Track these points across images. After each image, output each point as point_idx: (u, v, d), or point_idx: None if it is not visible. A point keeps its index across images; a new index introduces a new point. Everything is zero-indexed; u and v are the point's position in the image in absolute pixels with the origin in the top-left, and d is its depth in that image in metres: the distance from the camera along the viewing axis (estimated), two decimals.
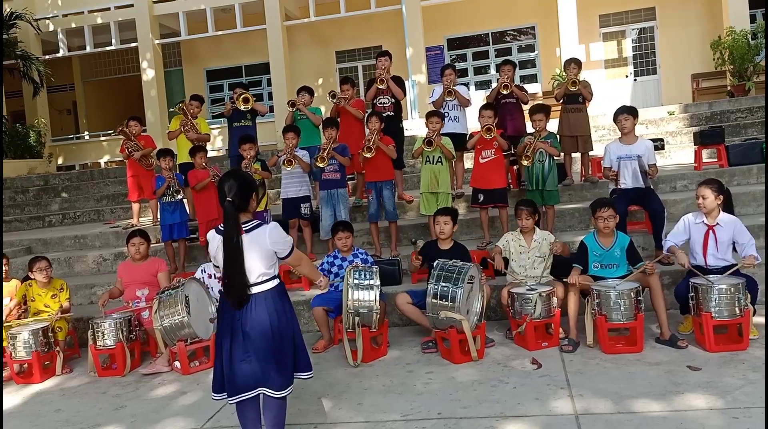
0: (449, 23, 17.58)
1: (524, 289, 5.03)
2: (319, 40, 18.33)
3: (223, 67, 19.20)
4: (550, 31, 16.93)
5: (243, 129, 8.04)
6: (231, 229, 3.28)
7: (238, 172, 3.54)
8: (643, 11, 17.24)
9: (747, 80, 14.36)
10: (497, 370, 4.56)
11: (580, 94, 7.51)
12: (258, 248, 3.34)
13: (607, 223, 5.05)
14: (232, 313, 3.37)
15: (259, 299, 3.36)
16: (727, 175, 7.47)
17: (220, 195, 3.37)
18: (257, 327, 3.33)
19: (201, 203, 6.90)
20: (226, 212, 3.30)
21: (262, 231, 3.37)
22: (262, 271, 3.38)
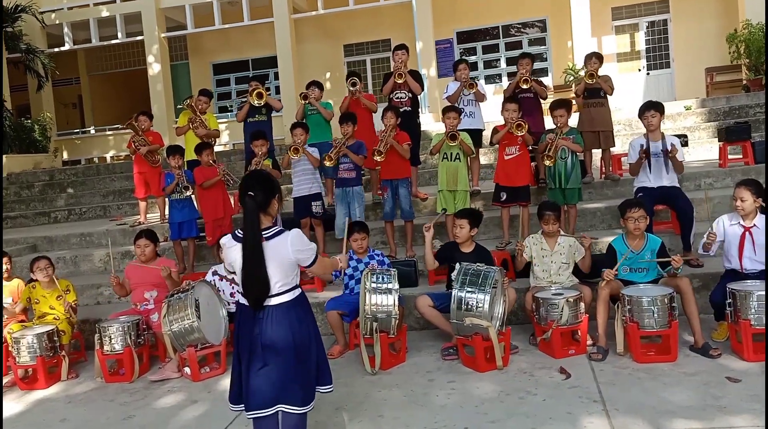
0: (459, 16, 17.31)
1: (550, 294, 4.81)
2: (327, 34, 18.08)
3: (229, 60, 18.99)
4: (561, 25, 16.65)
5: (257, 124, 7.81)
6: (251, 229, 3.07)
7: (261, 171, 3.35)
8: (656, 4, 16.93)
9: (764, 74, 14.05)
10: (524, 380, 4.34)
11: (602, 88, 7.25)
12: (279, 257, 3.13)
13: (638, 225, 4.82)
14: (251, 326, 3.16)
15: (279, 311, 3.14)
16: (753, 173, 7.18)
17: (242, 192, 3.16)
18: (278, 342, 3.11)
19: (207, 201, 6.69)
20: (247, 209, 3.09)
21: (284, 239, 3.15)
22: (283, 281, 3.16)
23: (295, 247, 3.14)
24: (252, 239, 3.06)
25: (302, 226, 6.66)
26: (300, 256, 3.17)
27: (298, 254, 3.16)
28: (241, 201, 3.16)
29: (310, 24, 17.76)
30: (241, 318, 3.24)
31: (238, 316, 3.27)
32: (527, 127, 6.08)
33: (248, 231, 3.07)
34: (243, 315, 3.21)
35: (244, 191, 3.13)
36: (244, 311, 3.21)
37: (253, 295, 3.10)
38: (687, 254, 5.44)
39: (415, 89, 7.53)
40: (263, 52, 18.28)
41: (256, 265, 3.06)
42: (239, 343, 3.24)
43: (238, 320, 3.28)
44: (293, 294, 3.20)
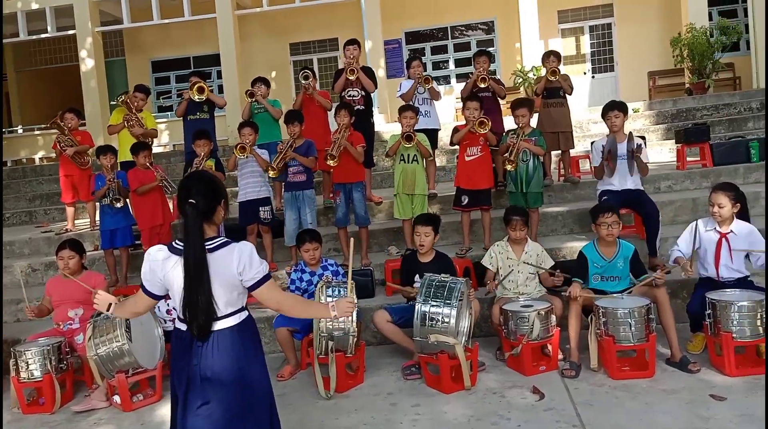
0: (407, 17, 17.03)
1: (519, 306, 4.46)
2: (273, 31, 17.51)
3: (169, 57, 18.19)
4: (509, 26, 16.60)
5: (198, 123, 7.25)
6: (193, 241, 2.58)
7: (204, 173, 2.82)
8: (601, 8, 17.04)
9: (706, 78, 14.26)
10: (494, 402, 3.97)
11: (561, 87, 7.01)
12: (224, 274, 2.64)
13: (611, 231, 4.53)
14: (188, 354, 2.67)
15: (222, 337, 2.66)
16: (712, 176, 7.09)
17: (181, 198, 2.67)
18: (222, 373, 2.63)
19: (144, 208, 6.08)
20: (188, 219, 2.60)
21: (229, 252, 2.67)
22: (226, 303, 2.68)
23: (241, 262, 2.65)
24: (196, 253, 2.58)
25: (249, 234, 6.17)
26: (245, 274, 2.67)
27: (245, 272, 2.66)
28: (180, 208, 2.68)
29: (255, 21, 17.16)
30: (176, 346, 2.75)
31: (174, 343, 2.78)
32: (489, 124, 5.73)
33: (191, 243, 2.59)
34: (179, 342, 2.72)
35: (184, 197, 2.65)
36: (180, 338, 2.72)
37: (198, 321, 2.61)
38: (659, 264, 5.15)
39: (368, 86, 7.12)
40: (206, 49, 17.56)
41: (202, 284, 2.58)
42: (175, 376, 2.75)
43: (173, 349, 2.78)
44: (239, 317, 2.73)
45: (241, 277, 2.66)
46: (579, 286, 4.41)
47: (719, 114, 11.37)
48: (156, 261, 2.71)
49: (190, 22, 16.51)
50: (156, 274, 2.72)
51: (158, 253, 2.72)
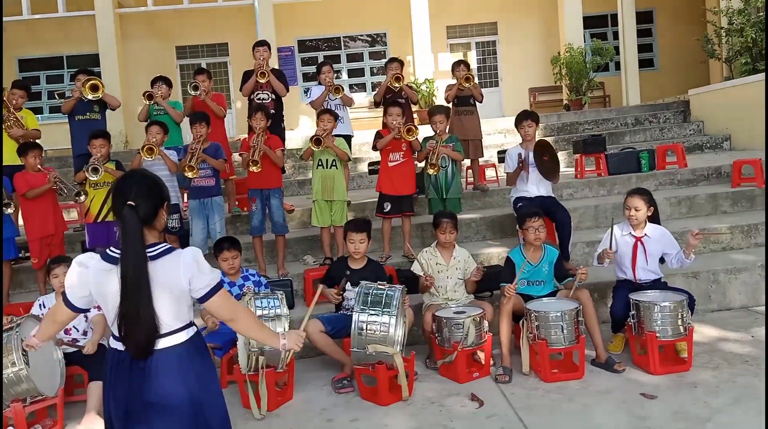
0: (300, 24, 16.86)
1: (451, 313, 4.41)
2: (157, 33, 16.70)
3: (40, 56, 16.85)
4: (400, 39, 16.89)
5: (89, 124, 6.66)
6: (133, 248, 2.27)
7: (144, 172, 2.49)
8: (486, 25, 17.77)
9: (583, 95, 15.20)
10: (435, 412, 3.87)
11: (472, 96, 7.13)
12: (167, 283, 2.35)
13: (538, 235, 4.60)
14: (126, 378, 2.35)
15: (168, 357, 2.36)
16: (608, 184, 7.48)
17: (115, 197, 2.36)
18: (169, 397, 2.33)
19: (34, 215, 5.45)
20: (127, 224, 2.29)
21: (175, 259, 2.39)
22: (172, 317, 2.39)
23: (190, 270, 2.38)
24: (136, 262, 2.28)
25: None
26: (195, 284, 2.39)
27: (194, 280, 2.39)
28: (116, 212, 2.36)
29: (137, 21, 16.30)
30: (113, 368, 2.41)
31: (110, 365, 2.43)
32: (416, 131, 5.69)
33: (129, 251, 2.28)
34: (116, 364, 2.38)
35: (121, 199, 2.34)
36: (117, 359, 2.38)
37: (138, 338, 2.29)
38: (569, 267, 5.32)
39: (279, 90, 6.88)
40: (81, 48, 16.50)
41: (142, 296, 2.27)
42: (110, 403, 2.41)
43: (108, 371, 2.44)
44: (187, 333, 2.43)
45: (191, 287, 2.39)
46: (513, 289, 4.42)
47: (599, 128, 12.07)
48: (85, 270, 2.37)
49: (64, 18, 15.42)
50: (85, 286, 2.38)
51: (89, 261, 2.39)
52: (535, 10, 17.09)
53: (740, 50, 11.21)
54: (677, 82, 16.28)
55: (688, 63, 16.40)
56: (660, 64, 17.56)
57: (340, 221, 5.85)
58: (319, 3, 15.84)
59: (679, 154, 7.73)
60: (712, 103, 11.27)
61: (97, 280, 2.36)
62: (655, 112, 12.39)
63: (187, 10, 15.83)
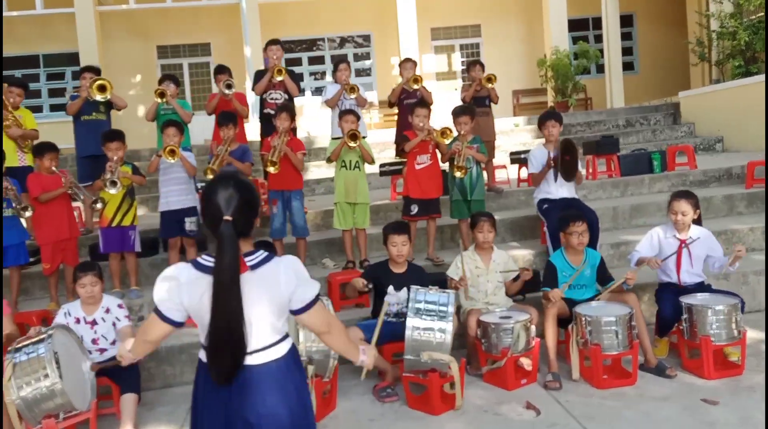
0: (285, 25, 16.59)
1: (497, 318, 4.28)
2: (138, 32, 16.30)
3: (15, 55, 16.26)
4: (384, 41, 16.79)
5: (95, 124, 6.39)
6: (229, 264, 2.09)
7: (239, 178, 2.26)
8: (470, 28, 17.78)
9: (569, 97, 15.28)
10: (491, 421, 3.74)
11: (487, 97, 7.03)
12: (268, 294, 2.18)
13: (582, 239, 4.51)
14: (223, 394, 2.16)
15: (267, 373, 2.18)
16: (621, 185, 7.46)
17: (209, 209, 2.17)
18: (268, 417, 2.15)
19: (47, 219, 5.14)
20: (223, 238, 2.10)
21: (274, 267, 2.21)
22: (271, 330, 2.21)
23: (292, 280, 2.21)
24: (229, 280, 2.09)
25: (170, 248, 5.48)
26: (298, 294, 2.23)
27: (298, 290, 2.22)
28: (211, 224, 2.18)
29: (117, 19, 15.89)
30: (205, 382, 2.21)
31: (202, 378, 2.24)
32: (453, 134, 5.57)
33: (226, 267, 2.09)
34: (209, 377, 2.19)
35: (216, 213, 2.14)
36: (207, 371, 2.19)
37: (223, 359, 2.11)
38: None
39: (292, 90, 6.70)
40: (57, 47, 16.05)
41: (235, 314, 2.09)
42: (204, 421, 2.22)
43: (201, 387, 2.25)
44: (285, 346, 2.26)
45: (291, 298, 2.21)
46: (559, 295, 4.32)
47: (591, 130, 12.12)
48: (176, 283, 2.18)
49: (41, 16, 14.95)
50: (177, 299, 2.19)
51: (180, 274, 2.20)
52: (518, 13, 17.16)
53: (732, 53, 11.35)
54: (658, 86, 16.49)
55: (668, 66, 16.64)
56: (640, 67, 17.76)
57: (362, 224, 5.70)
58: (303, 4, 15.67)
59: (689, 155, 7.75)
60: (703, 105, 11.40)
61: (190, 291, 2.17)
62: (645, 114, 12.49)
63: (168, 9, 15.49)
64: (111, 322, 4.21)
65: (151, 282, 5.76)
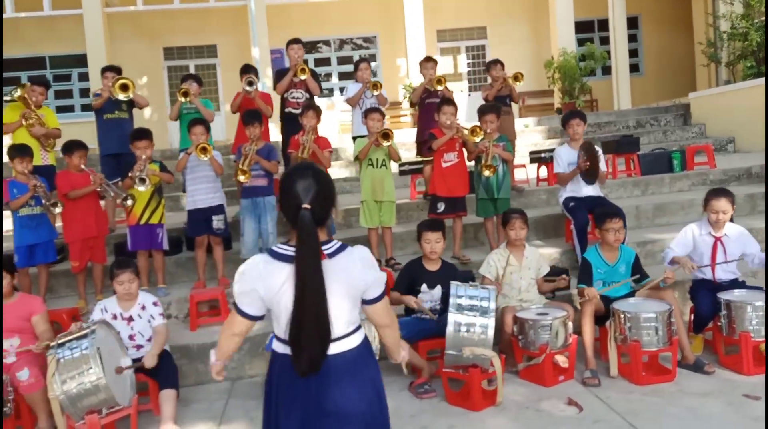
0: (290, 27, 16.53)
1: (534, 314, 4.27)
2: (144, 33, 16.28)
3: (20, 56, 16.24)
4: (391, 42, 16.79)
5: (118, 123, 6.39)
6: (311, 251, 2.09)
7: (316, 168, 2.27)
8: (475, 30, 17.79)
9: (576, 99, 15.30)
10: (534, 417, 3.73)
11: (508, 95, 7.04)
12: (346, 283, 2.18)
13: (618, 236, 4.51)
14: (302, 384, 2.15)
15: (343, 363, 2.18)
16: (642, 184, 7.47)
17: (288, 198, 2.17)
18: (347, 407, 2.15)
19: (75, 216, 5.11)
20: (303, 226, 2.10)
21: (350, 256, 2.22)
22: (347, 319, 2.21)
23: (366, 269, 2.22)
24: (314, 265, 2.09)
25: (198, 246, 5.47)
26: (373, 285, 2.23)
27: (373, 281, 2.22)
28: (289, 213, 2.18)
29: (124, 21, 15.87)
30: (282, 375, 2.20)
31: (278, 370, 2.23)
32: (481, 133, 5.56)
33: (308, 254, 2.10)
34: (288, 371, 2.18)
35: (295, 201, 2.15)
36: (288, 366, 2.18)
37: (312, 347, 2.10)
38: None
39: (313, 89, 6.69)
40: (64, 48, 15.99)
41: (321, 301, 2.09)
42: (280, 413, 2.20)
43: (276, 378, 2.23)
44: (359, 336, 2.26)
45: (366, 288, 2.21)
46: (594, 290, 4.31)
47: (602, 131, 12.12)
48: (257, 272, 2.17)
49: (48, 17, 14.92)
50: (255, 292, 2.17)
51: (258, 264, 2.19)
52: (524, 15, 17.18)
53: (743, 54, 11.39)
54: (663, 88, 16.53)
55: (674, 68, 16.68)
56: (645, 69, 17.81)
57: (388, 222, 5.69)
58: (309, 5, 15.68)
59: (709, 154, 7.76)
60: (714, 106, 11.41)
61: (268, 282, 2.16)
62: (655, 115, 12.51)
63: (175, 11, 15.48)
64: (147, 319, 4.20)
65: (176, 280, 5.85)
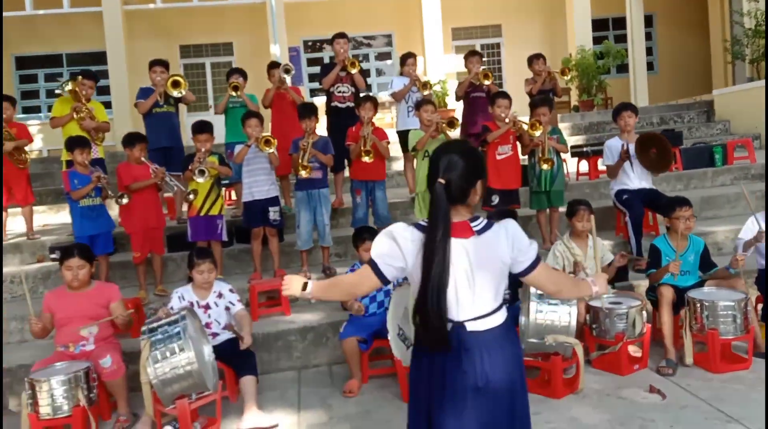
0: (305, 25, 16.62)
1: (607, 303, 4.29)
2: (161, 31, 16.26)
3: (38, 54, 16.26)
4: (407, 41, 16.77)
5: (166, 117, 6.40)
6: (439, 224, 2.12)
7: (467, 145, 2.31)
8: (490, 28, 17.80)
9: (594, 97, 15.34)
10: (617, 405, 3.75)
11: (551, 89, 7.07)
12: (491, 259, 2.20)
13: (689, 224, 4.52)
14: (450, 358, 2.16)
15: (492, 339, 2.20)
16: (685, 179, 7.49)
17: (431, 172, 2.21)
18: (496, 382, 2.16)
19: (136, 208, 5.13)
20: (435, 199, 2.15)
21: (497, 232, 2.23)
22: (493, 296, 2.23)
23: (515, 242, 2.23)
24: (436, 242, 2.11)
25: (254, 238, 5.47)
26: (520, 256, 2.24)
27: (519, 254, 2.24)
28: (430, 186, 2.21)
29: (141, 18, 15.84)
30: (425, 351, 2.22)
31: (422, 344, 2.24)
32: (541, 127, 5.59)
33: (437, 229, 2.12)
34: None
35: (434, 174, 2.18)
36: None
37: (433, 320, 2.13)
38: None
39: (359, 84, 6.70)
40: (81, 46, 15.97)
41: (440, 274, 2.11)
42: (420, 389, 2.23)
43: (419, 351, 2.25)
44: (503, 314, 2.28)
45: (513, 261, 2.24)
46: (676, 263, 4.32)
47: None
48: (403, 240, 2.19)
49: (66, 15, 14.90)
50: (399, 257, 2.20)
51: (406, 230, 2.22)
52: (539, 13, 17.20)
53: None
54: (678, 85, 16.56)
55: (689, 66, 16.71)
56: (660, 67, 17.84)
57: None
58: (325, 3, 15.69)
59: (749, 148, 7.79)
60: (739, 103, 11.45)
61: (413, 250, 2.18)
62: (678, 112, 12.54)
63: (192, 9, 15.49)
64: (224, 307, 4.21)
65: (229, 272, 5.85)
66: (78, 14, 15.01)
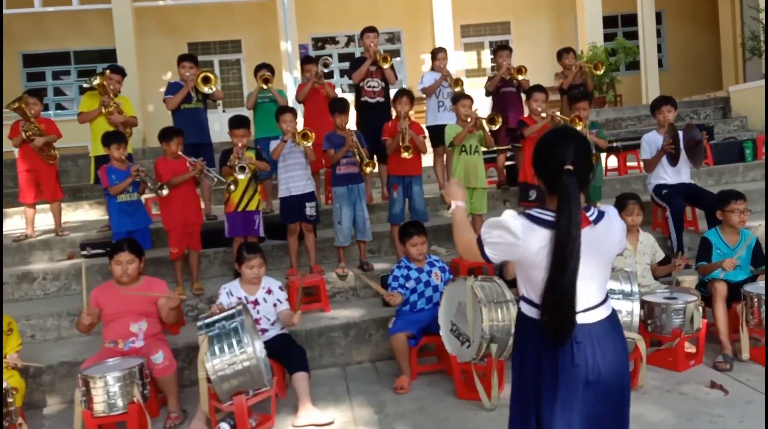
0: (315, 22, 16.53)
1: (662, 299, 4.22)
2: (169, 28, 16.16)
3: (45, 51, 16.13)
4: (415, 38, 16.72)
5: (195, 113, 6.31)
6: (574, 217, 2.02)
7: (576, 131, 2.27)
8: (499, 25, 17.73)
9: (606, 93, 15.29)
10: (680, 400, 3.68)
11: (582, 84, 7.02)
12: (603, 249, 2.14)
13: (742, 218, 4.47)
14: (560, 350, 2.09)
15: (602, 331, 2.13)
16: (716, 174, 7.44)
17: (549, 162, 2.12)
18: (607, 375, 2.10)
19: (174, 203, 5.02)
20: (566, 189, 2.04)
21: (610, 221, 2.18)
22: (599, 287, 2.17)
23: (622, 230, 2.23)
24: (576, 231, 2.02)
25: (290, 233, 5.39)
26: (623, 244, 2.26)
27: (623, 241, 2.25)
28: (549, 177, 2.13)
29: (150, 15, 15.74)
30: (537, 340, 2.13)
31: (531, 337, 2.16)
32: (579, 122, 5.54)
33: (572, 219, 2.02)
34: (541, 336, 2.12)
35: (558, 163, 2.08)
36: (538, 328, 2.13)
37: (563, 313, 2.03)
38: None
39: (390, 78, 6.63)
40: (89, 43, 15.86)
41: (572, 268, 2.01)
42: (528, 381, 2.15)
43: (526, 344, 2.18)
44: (609, 306, 2.21)
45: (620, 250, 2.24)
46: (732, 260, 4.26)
47: (641, 124, 12.07)
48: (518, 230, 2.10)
49: (74, 12, 14.78)
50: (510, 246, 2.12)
51: (519, 221, 2.12)
52: (548, 10, 17.14)
53: None
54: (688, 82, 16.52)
55: (698, 63, 16.67)
56: (669, 64, 17.80)
57: (480, 209, 5.62)
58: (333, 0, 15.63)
59: None
60: (756, 99, 11.39)
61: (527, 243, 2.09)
62: (694, 108, 12.49)
63: (201, 6, 15.41)
64: (272, 303, 4.14)
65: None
66: (87, 11, 14.90)
